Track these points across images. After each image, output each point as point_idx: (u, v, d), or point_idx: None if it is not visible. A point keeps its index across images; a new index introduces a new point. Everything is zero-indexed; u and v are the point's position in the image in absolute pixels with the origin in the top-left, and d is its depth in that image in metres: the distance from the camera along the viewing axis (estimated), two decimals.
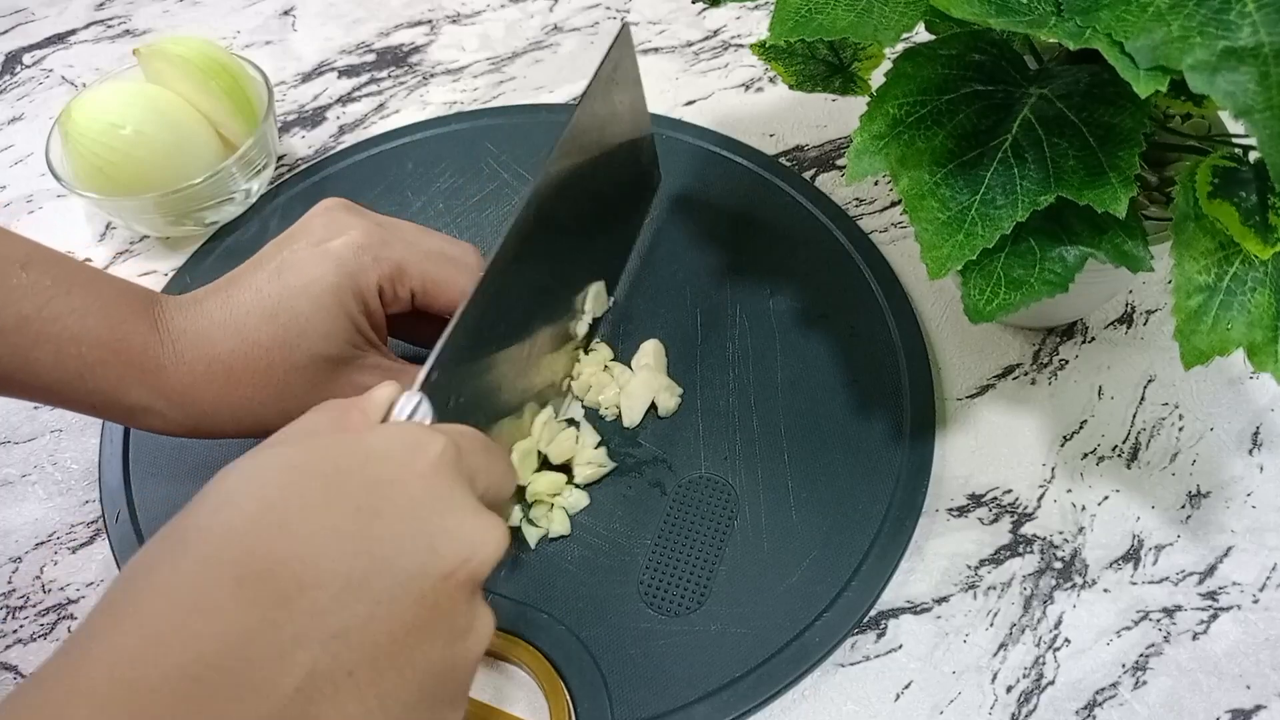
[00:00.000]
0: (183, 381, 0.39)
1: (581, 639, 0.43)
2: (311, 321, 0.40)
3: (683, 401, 0.50)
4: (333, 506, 0.28)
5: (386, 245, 0.42)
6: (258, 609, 0.25)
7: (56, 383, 0.37)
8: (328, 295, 0.40)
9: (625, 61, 0.50)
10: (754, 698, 0.41)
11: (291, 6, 0.73)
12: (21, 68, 0.70)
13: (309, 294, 0.40)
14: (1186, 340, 0.37)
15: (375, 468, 0.29)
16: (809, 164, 0.61)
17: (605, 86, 0.48)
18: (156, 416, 0.39)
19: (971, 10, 0.35)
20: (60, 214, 0.61)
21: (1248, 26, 0.32)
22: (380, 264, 0.41)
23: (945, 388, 0.51)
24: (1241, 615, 0.44)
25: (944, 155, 0.39)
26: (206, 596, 0.26)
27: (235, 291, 0.41)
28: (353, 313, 0.41)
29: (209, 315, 0.40)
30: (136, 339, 0.38)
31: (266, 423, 0.40)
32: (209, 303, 0.41)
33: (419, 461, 0.30)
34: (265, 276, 0.41)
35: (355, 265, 0.41)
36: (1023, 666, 0.43)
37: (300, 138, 0.64)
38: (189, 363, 0.39)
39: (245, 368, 0.39)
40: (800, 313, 0.53)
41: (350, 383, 0.41)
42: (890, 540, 0.45)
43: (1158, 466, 0.48)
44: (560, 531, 0.45)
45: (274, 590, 0.26)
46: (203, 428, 0.40)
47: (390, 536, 0.28)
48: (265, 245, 0.43)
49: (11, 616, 0.46)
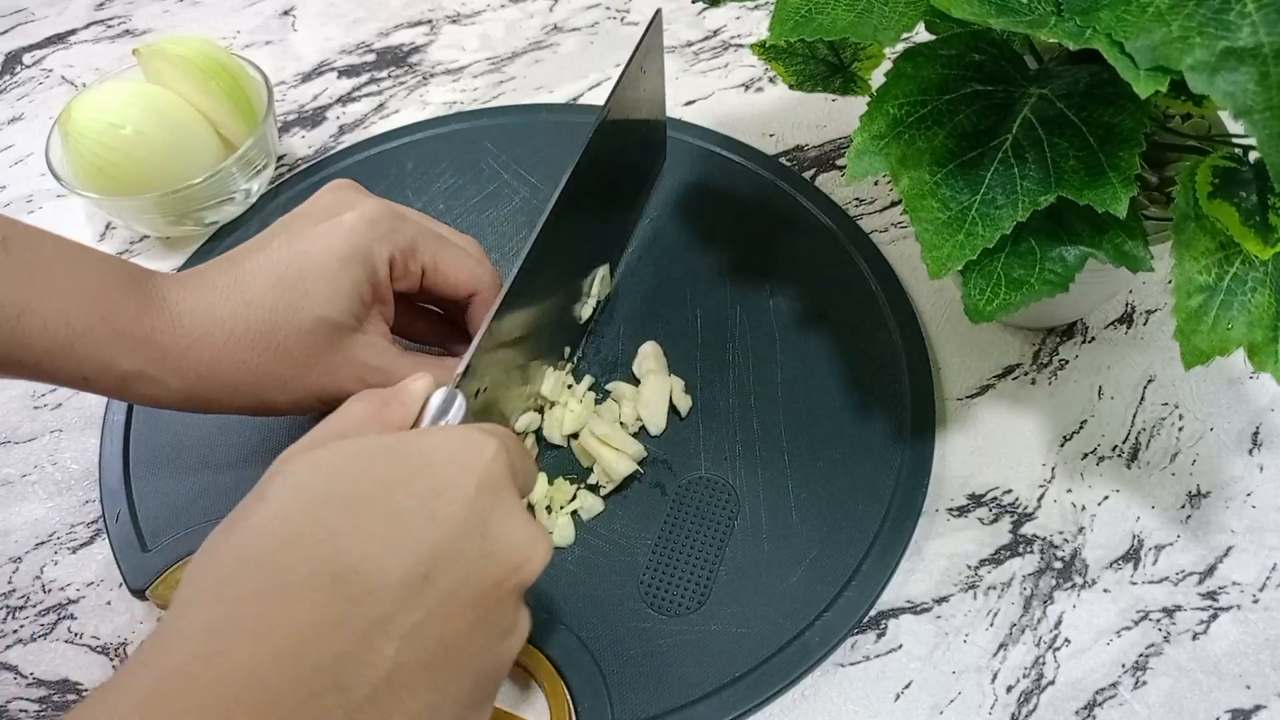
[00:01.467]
0: (178, 345, 0.38)
1: (582, 639, 0.43)
2: (318, 284, 0.40)
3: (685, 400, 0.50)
4: (394, 512, 0.28)
5: (401, 219, 0.42)
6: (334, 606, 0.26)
7: (45, 354, 0.37)
8: (336, 262, 0.40)
9: (654, 49, 0.51)
10: (754, 697, 0.41)
11: (291, 6, 0.73)
12: (21, 68, 0.70)
13: (318, 260, 0.40)
14: (1187, 340, 0.37)
15: (437, 471, 0.30)
16: (809, 164, 0.61)
17: (635, 75, 0.48)
18: (149, 382, 0.39)
19: (971, 10, 0.35)
20: (60, 214, 0.61)
21: (1247, 27, 0.32)
22: (395, 236, 0.42)
23: (945, 388, 0.51)
24: (1241, 615, 0.44)
25: (944, 155, 0.39)
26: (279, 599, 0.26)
27: (242, 259, 0.41)
28: (359, 280, 0.41)
29: (212, 283, 0.40)
30: (128, 308, 0.38)
31: (263, 393, 0.40)
32: (211, 271, 0.40)
33: (477, 466, 0.30)
34: (276, 244, 0.40)
35: (368, 236, 0.41)
36: (1023, 666, 0.43)
37: (300, 138, 0.64)
38: (185, 327, 0.39)
39: (246, 329, 0.39)
40: (800, 312, 0.53)
41: (350, 359, 0.41)
42: (890, 540, 0.45)
43: (1158, 466, 0.48)
44: (564, 541, 0.45)
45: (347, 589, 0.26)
46: (197, 395, 0.40)
47: (451, 540, 0.28)
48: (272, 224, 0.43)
49: (11, 616, 0.46)
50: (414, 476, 0.29)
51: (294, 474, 0.29)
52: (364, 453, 0.30)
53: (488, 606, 0.29)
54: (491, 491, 0.30)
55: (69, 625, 0.45)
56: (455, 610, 0.28)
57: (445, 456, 0.30)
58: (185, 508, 0.47)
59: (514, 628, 0.30)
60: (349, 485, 0.29)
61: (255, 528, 0.28)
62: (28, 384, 0.54)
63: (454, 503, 0.29)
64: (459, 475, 0.30)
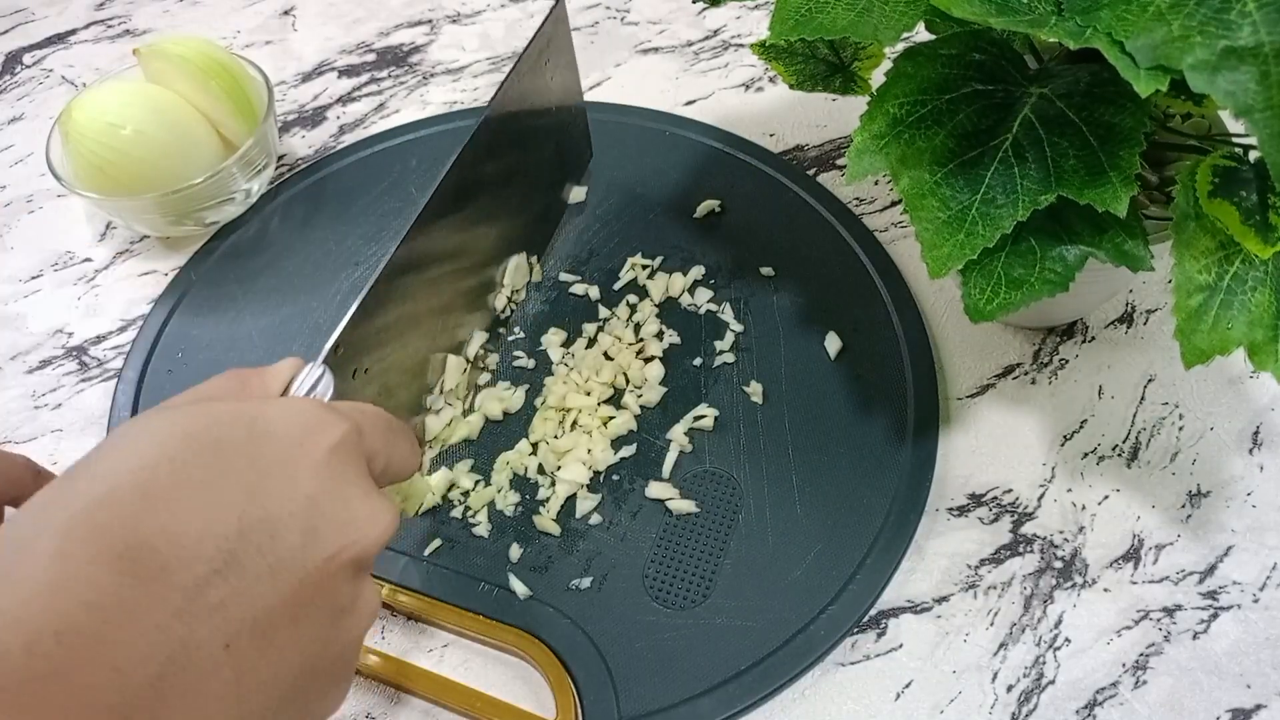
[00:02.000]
0: None
1: (587, 632, 0.43)
2: None
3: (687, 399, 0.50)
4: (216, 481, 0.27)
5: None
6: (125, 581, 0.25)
7: None
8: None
9: (558, 38, 0.51)
10: (759, 690, 0.41)
11: (291, 6, 0.73)
12: (21, 68, 0.70)
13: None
14: (1187, 339, 0.37)
15: (267, 445, 0.28)
16: (809, 163, 0.61)
17: (535, 64, 0.48)
18: None
19: (972, 10, 0.35)
20: (60, 214, 0.61)
21: (1248, 26, 0.32)
22: None
23: (946, 387, 0.51)
24: (1242, 614, 0.44)
25: (944, 155, 0.39)
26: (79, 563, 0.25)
27: None
28: None
29: None
30: None
31: None
32: None
33: (314, 446, 0.29)
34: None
35: None
36: (1023, 666, 0.43)
37: (300, 137, 0.64)
38: None
39: None
40: (804, 308, 0.53)
41: None
42: (893, 536, 0.45)
43: (1158, 466, 0.48)
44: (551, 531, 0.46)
45: (145, 564, 0.25)
46: None
47: (273, 518, 0.27)
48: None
49: None
50: (242, 448, 0.28)
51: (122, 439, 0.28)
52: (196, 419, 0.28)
53: (317, 584, 0.27)
54: (329, 471, 0.29)
55: None
56: (268, 589, 0.26)
57: (283, 431, 0.29)
58: None
59: (351, 607, 0.29)
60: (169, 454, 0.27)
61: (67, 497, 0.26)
62: (28, 384, 0.54)
63: (279, 480, 0.28)
64: (290, 451, 0.28)
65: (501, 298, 0.51)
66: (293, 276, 0.56)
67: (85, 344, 0.55)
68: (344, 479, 0.29)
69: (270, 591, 0.27)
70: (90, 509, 0.26)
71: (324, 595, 0.28)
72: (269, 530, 0.27)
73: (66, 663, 0.23)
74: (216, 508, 0.27)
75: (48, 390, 0.53)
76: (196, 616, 0.25)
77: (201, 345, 0.53)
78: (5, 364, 0.55)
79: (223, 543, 0.26)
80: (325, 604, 0.28)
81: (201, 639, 0.25)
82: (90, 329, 0.56)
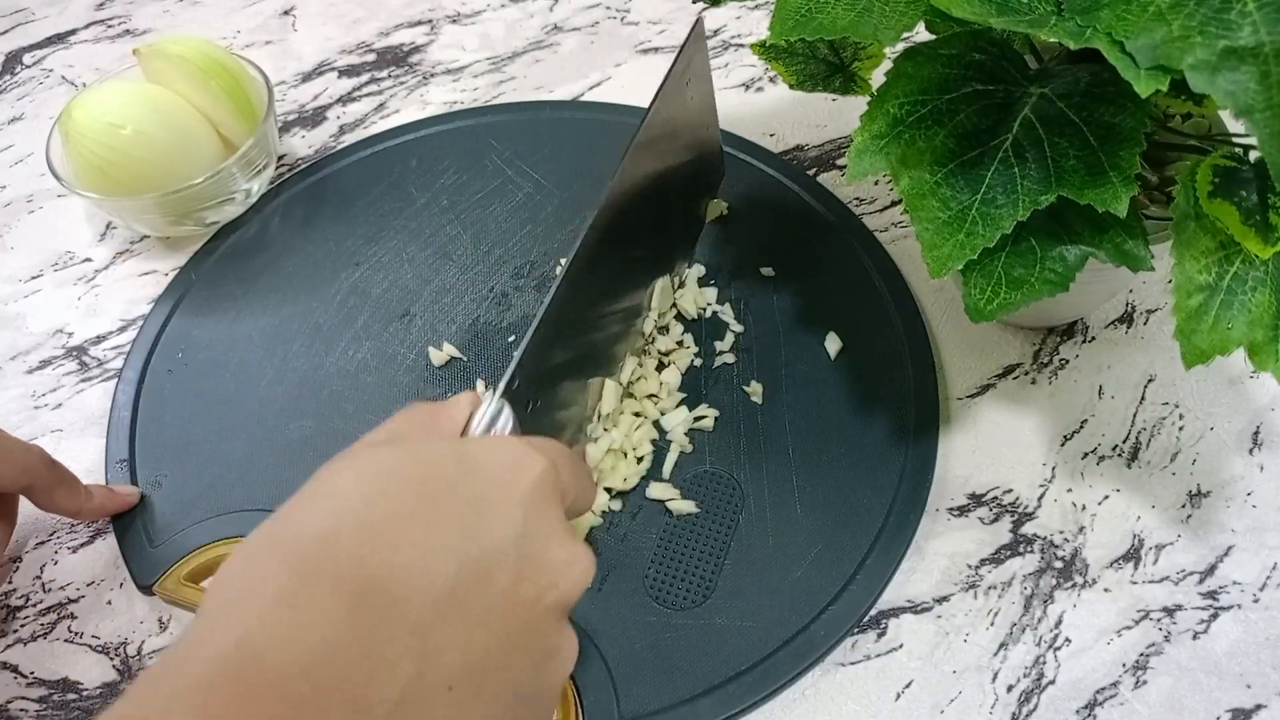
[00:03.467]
0: None
1: (587, 632, 0.43)
2: None
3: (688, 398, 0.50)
4: (433, 520, 0.27)
5: None
6: (360, 618, 0.25)
7: None
8: None
9: (698, 56, 0.49)
10: (759, 690, 0.41)
11: (291, 6, 0.73)
12: (21, 68, 0.70)
13: None
14: (1187, 339, 0.37)
15: (476, 484, 0.29)
16: (809, 164, 0.61)
17: (679, 82, 0.47)
18: None
19: (972, 10, 0.35)
20: (60, 214, 0.61)
21: (1248, 26, 0.32)
22: None
23: (946, 387, 0.51)
24: (1242, 614, 0.44)
25: (944, 155, 0.39)
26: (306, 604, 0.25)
27: None
28: None
29: None
30: None
31: None
32: None
33: (520, 482, 0.29)
34: None
35: None
36: (1023, 666, 0.43)
37: (300, 137, 0.64)
38: None
39: None
40: (804, 308, 0.53)
41: None
42: (893, 536, 0.45)
43: (1158, 466, 0.48)
44: None
45: (375, 601, 0.25)
46: None
47: (483, 557, 0.27)
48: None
49: (12, 616, 0.46)
50: (454, 487, 0.28)
51: (333, 477, 0.28)
52: (405, 459, 0.29)
53: (521, 627, 0.28)
54: (533, 509, 0.29)
55: (69, 625, 0.45)
56: (484, 630, 0.27)
57: (489, 469, 0.29)
58: (191, 503, 0.47)
59: (557, 651, 0.29)
60: (385, 494, 0.28)
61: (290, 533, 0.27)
62: (28, 384, 0.54)
63: (491, 519, 0.28)
64: (500, 490, 0.29)
65: (649, 321, 0.50)
66: (293, 276, 0.56)
67: (85, 344, 0.55)
68: (545, 518, 0.29)
69: (486, 634, 0.27)
70: (315, 546, 0.26)
71: (534, 638, 0.28)
72: (484, 570, 0.27)
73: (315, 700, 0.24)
74: (436, 546, 0.27)
75: (48, 390, 0.53)
76: (425, 657, 0.25)
77: (201, 345, 0.53)
78: (5, 364, 0.55)
79: (445, 583, 0.26)
80: (534, 647, 0.28)
81: (429, 680, 0.25)
82: (90, 329, 0.56)
